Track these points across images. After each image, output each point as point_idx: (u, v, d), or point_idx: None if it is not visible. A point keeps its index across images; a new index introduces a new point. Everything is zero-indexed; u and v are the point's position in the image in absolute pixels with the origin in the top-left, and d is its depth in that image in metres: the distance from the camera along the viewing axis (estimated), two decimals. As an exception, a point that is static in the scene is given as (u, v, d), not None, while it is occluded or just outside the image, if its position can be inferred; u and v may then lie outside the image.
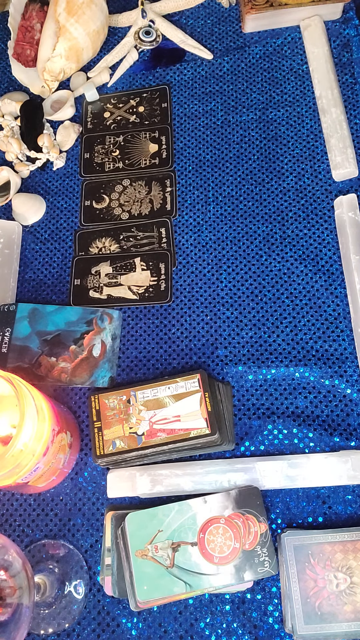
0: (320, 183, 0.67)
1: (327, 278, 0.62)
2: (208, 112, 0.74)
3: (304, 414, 0.57)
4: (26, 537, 0.56)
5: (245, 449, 0.56)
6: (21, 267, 0.70)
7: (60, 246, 0.70)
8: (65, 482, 0.57)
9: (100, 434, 0.55)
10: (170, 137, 0.73)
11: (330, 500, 0.53)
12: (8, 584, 0.40)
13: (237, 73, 0.75)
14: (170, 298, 0.64)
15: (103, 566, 0.52)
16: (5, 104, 0.77)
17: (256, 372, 0.59)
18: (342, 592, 0.48)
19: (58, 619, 0.52)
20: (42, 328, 0.63)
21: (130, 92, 0.77)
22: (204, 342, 0.62)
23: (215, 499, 0.52)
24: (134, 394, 0.56)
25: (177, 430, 0.53)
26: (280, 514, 0.53)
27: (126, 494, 0.54)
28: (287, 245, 0.65)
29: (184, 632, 0.51)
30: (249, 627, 0.50)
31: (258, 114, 0.72)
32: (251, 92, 0.73)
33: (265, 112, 0.72)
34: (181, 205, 0.69)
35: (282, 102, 0.72)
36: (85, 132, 0.76)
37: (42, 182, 0.74)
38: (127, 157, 0.73)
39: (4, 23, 0.86)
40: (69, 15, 0.72)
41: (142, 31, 0.78)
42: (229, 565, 0.49)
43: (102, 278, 0.67)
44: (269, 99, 0.72)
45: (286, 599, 0.49)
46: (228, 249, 0.66)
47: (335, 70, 0.71)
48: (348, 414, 0.56)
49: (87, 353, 0.61)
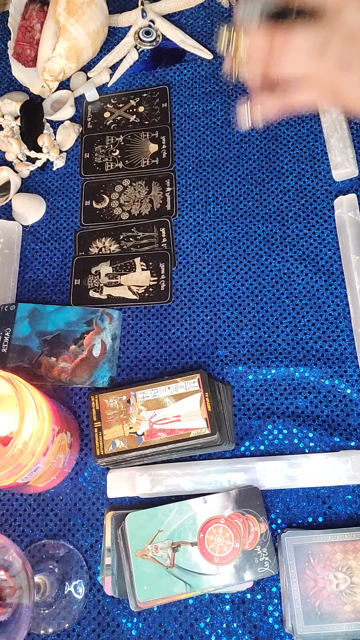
0: (320, 183, 0.67)
1: (327, 278, 0.62)
2: (208, 112, 0.74)
3: (304, 414, 0.57)
4: (26, 537, 0.56)
5: (245, 449, 0.56)
6: (21, 267, 0.70)
7: (60, 246, 0.70)
8: (65, 482, 0.57)
9: (100, 434, 0.55)
10: (170, 137, 0.73)
11: (330, 500, 0.53)
12: (8, 584, 0.40)
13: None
14: (170, 298, 0.64)
15: (103, 566, 0.52)
16: (5, 104, 0.77)
17: (256, 372, 0.59)
18: (342, 592, 0.48)
19: (58, 619, 0.52)
20: (42, 328, 0.63)
21: (130, 92, 0.77)
22: (204, 342, 0.62)
23: (215, 499, 0.52)
24: (134, 394, 0.56)
25: (177, 430, 0.53)
26: (280, 514, 0.53)
27: (126, 494, 0.54)
28: (287, 245, 0.65)
29: (184, 632, 0.51)
30: (249, 627, 0.50)
31: (258, 114, 0.72)
32: (251, 92, 0.73)
33: (265, 112, 0.72)
34: (181, 205, 0.69)
35: (282, 102, 0.72)
36: (85, 132, 0.76)
37: (42, 182, 0.74)
38: (127, 157, 0.73)
39: (4, 23, 0.86)
40: (69, 15, 0.72)
41: (142, 31, 0.78)
42: (229, 565, 0.49)
43: (102, 278, 0.67)
44: (269, 99, 0.72)
45: (286, 599, 0.49)
46: (228, 249, 0.66)
47: (335, 70, 0.71)
48: (348, 414, 0.56)
49: (87, 353, 0.61)
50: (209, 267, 0.65)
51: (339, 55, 0.41)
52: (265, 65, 0.43)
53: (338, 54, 0.41)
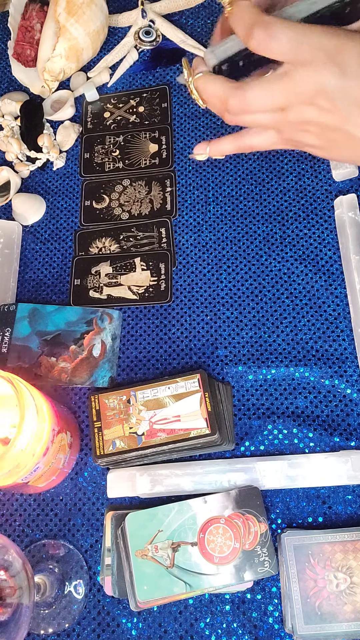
0: (320, 183, 0.67)
1: (327, 278, 0.62)
2: (208, 112, 0.74)
3: (304, 414, 0.57)
4: (26, 537, 0.56)
5: (245, 449, 0.56)
6: (21, 267, 0.70)
7: (60, 246, 0.70)
8: (65, 482, 0.57)
9: (100, 434, 0.55)
10: (170, 137, 0.73)
11: (330, 500, 0.53)
12: (8, 584, 0.40)
13: (237, 73, 0.75)
14: (170, 298, 0.64)
15: (103, 566, 0.52)
16: (5, 104, 0.77)
17: (256, 372, 0.59)
18: (342, 592, 0.48)
19: (58, 619, 0.52)
20: (42, 328, 0.63)
21: (130, 92, 0.77)
22: (204, 342, 0.62)
23: (215, 499, 0.52)
24: (134, 394, 0.56)
25: (177, 430, 0.53)
26: (280, 514, 0.53)
27: (126, 494, 0.54)
28: (287, 245, 0.65)
29: (184, 632, 0.51)
30: (249, 627, 0.50)
31: (258, 114, 0.72)
32: (251, 92, 0.73)
33: (265, 112, 0.72)
34: (181, 205, 0.69)
35: (282, 102, 0.72)
36: (85, 132, 0.76)
37: (42, 182, 0.74)
38: (127, 157, 0.73)
39: (4, 23, 0.86)
40: (69, 15, 0.72)
41: (142, 31, 0.78)
42: (229, 565, 0.49)
43: (102, 278, 0.67)
44: (269, 99, 0.72)
45: (286, 599, 0.49)
46: (228, 249, 0.66)
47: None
48: (348, 414, 0.56)
49: (87, 353, 0.61)
50: (209, 267, 0.65)
51: (300, 119, 0.40)
52: (221, 112, 0.42)
53: (299, 117, 0.40)
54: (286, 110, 0.40)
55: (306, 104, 0.39)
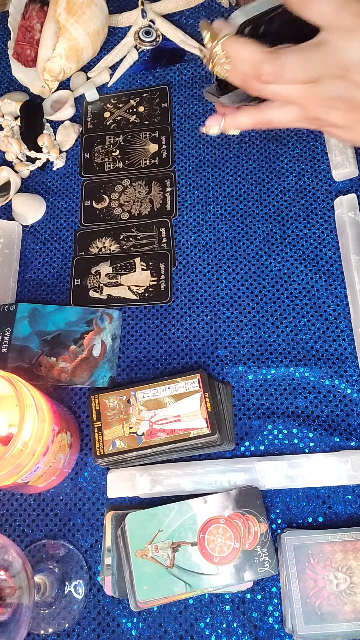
0: (320, 183, 0.67)
1: (327, 278, 0.62)
2: (208, 112, 0.74)
3: (304, 414, 0.57)
4: (26, 537, 0.56)
5: (245, 449, 0.56)
6: (21, 267, 0.70)
7: (60, 246, 0.70)
8: (65, 482, 0.57)
9: (100, 434, 0.55)
10: (170, 137, 0.73)
11: (330, 500, 0.53)
12: (8, 584, 0.40)
13: (237, 73, 0.75)
14: (170, 298, 0.64)
15: (103, 566, 0.52)
16: (5, 104, 0.77)
17: (256, 372, 0.59)
18: (342, 592, 0.48)
19: (58, 619, 0.52)
20: (42, 328, 0.63)
21: (130, 92, 0.77)
22: (204, 342, 0.62)
23: (215, 499, 0.52)
24: (134, 394, 0.56)
25: (177, 430, 0.53)
26: (280, 514, 0.53)
27: (126, 494, 0.54)
28: (287, 245, 0.65)
29: (184, 632, 0.51)
30: (249, 627, 0.50)
31: (258, 114, 0.72)
32: (251, 92, 0.73)
33: (265, 112, 0.72)
34: (181, 205, 0.69)
35: (282, 102, 0.72)
36: (85, 132, 0.76)
37: (42, 182, 0.74)
38: (127, 157, 0.73)
39: (4, 23, 0.86)
40: (69, 15, 0.72)
41: (142, 31, 0.78)
42: (229, 565, 0.49)
43: (102, 278, 0.67)
44: (269, 99, 0.72)
45: (286, 599, 0.49)
46: (228, 249, 0.66)
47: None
48: (348, 414, 0.56)
49: (87, 353, 0.61)
50: (209, 267, 0.65)
51: (329, 93, 0.38)
52: (248, 80, 0.39)
53: (328, 91, 0.38)
54: (316, 83, 0.37)
55: (338, 77, 0.36)
